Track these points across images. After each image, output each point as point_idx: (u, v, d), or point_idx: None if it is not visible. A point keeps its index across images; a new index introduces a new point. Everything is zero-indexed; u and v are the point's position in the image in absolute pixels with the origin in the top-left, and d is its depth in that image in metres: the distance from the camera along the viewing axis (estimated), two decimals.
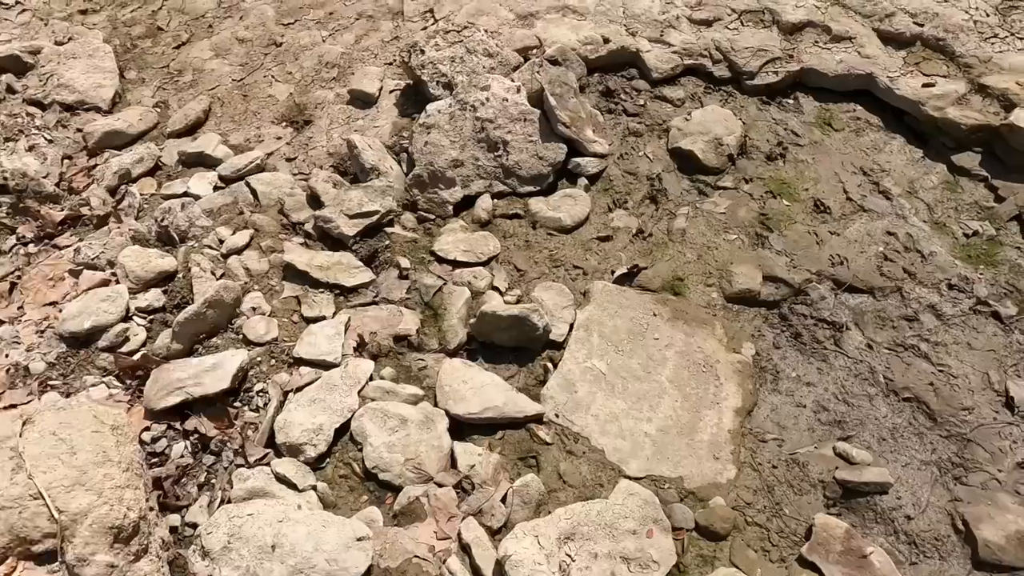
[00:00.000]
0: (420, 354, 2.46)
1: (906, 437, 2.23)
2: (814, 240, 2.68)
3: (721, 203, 2.83)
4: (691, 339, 2.42)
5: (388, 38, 3.74)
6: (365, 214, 2.80)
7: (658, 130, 3.11)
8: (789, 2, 3.31)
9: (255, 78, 3.72)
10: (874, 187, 2.79)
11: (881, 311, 2.49)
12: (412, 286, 2.66)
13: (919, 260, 2.57)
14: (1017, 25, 3.01)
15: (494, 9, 3.64)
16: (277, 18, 4.06)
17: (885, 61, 3.03)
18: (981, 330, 2.39)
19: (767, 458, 2.21)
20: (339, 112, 3.39)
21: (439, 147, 2.95)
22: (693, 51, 3.26)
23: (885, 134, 2.95)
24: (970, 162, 2.75)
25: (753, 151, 2.97)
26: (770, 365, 2.44)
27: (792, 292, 2.57)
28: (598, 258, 2.74)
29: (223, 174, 3.08)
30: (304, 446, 2.11)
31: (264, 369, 2.38)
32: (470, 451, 2.13)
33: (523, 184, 2.95)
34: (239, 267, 2.67)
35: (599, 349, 2.39)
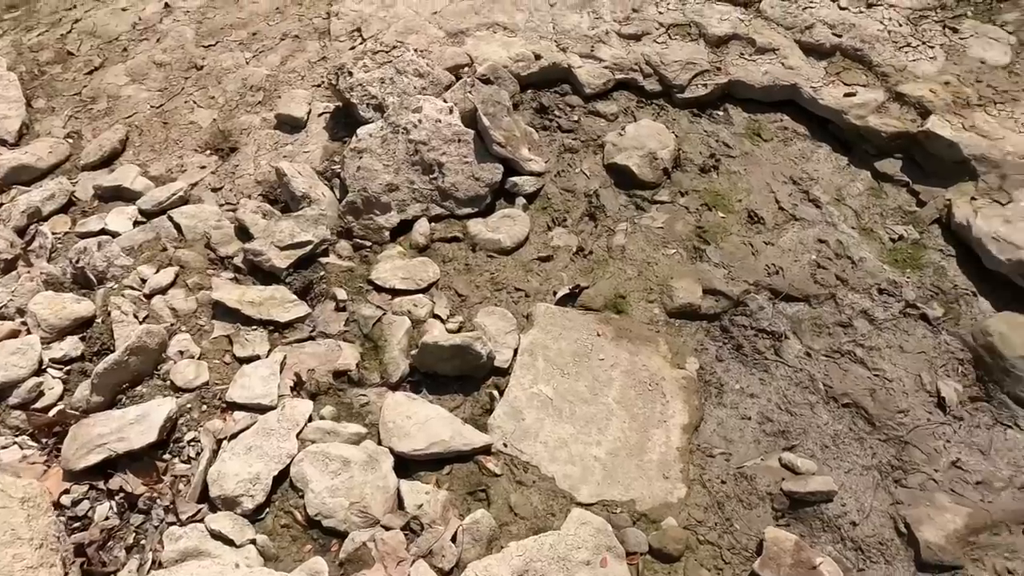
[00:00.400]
0: (361, 389, 2.38)
1: (847, 443, 2.27)
2: (750, 251, 2.71)
3: (658, 217, 2.85)
4: (636, 357, 2.42)
5: (315, 59, 3.64)
6: (297, 245, 2.70)
7: (593, 145, 3.11)
8: (714, 15, 3.37)
9: (175, 104, 3.56)
10: (804, 195, 2.85)
11: (817, 318, 2.54)
12: (350, 318, 2.57)
13: (850, 266, 2.63)
14: (928, 34, 3.14)
15: (423, 27, 3.58)
16: (197, 40, 3.91)
17: (808, 72, 3.11)
18: (911, 333, 2.46)
19: (716, 474, 2.22)
20: (266, 138, 3.27)
21: (372, 172, 2.87)
22: (624, 65, 3.28)
23: (812, 143, 3.02)
24: (892, 168, 2.84)
25: (687, 164, 3.00)
26: (714, 379, 2.45)
27: (731, 304, 2.60)
28: (539, 279, 2.71)
29: (144, 208, 2.93)
30: (240, 498, 2.01)
31: (195, 416, 2.26)
32: (417, 490, 2.06)
33: (460, 206, 2.90)
34: (164, 308, 2.54)
35: (545, 373, 2.36)
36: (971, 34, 3.12)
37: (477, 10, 3.61)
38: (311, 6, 3.96)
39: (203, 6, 4.14)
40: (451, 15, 3.62)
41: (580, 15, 3.52)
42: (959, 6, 3.25)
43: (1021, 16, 3.18)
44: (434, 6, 3.71)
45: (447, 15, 3.63)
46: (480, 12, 3.60)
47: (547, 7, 3.58)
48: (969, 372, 2.35)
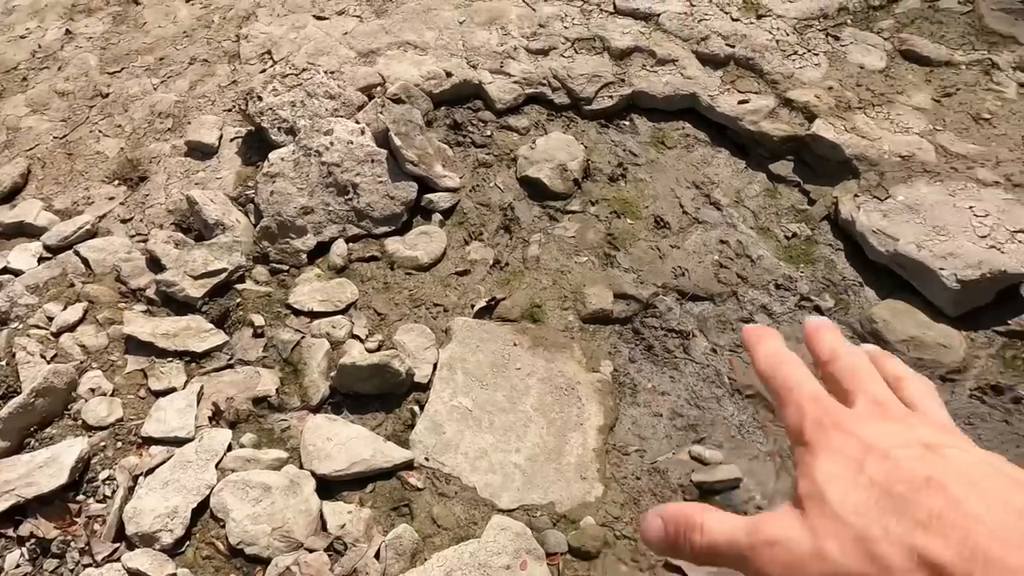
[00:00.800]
0: (282, 414, 2.38)
1: (751, 432, 2.41)
2: (657, 255, 2.84)
3: (571, 227, 2.95)
4: (552, 364, 2.50)
5: (226, 83, 3.61)
6: (212, 273, 2.68)
7: (506, 160, 3.20)
8: (616, 29, 3.51)
9: (80, 134, 3.47)
10: (706, 199, 3.00)
11: (721, 316, 2.68)
12: (269, 343, 2.57)
13: (749, 264, 2.79)
14: (812, 42, 3.35)
15: (334, 48, 3.61)
16: (101, 67, 3.82)
17: (705, 81, 3.28)
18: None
19: (631, 470, 2.32)
20: (177, 165, 3.23)
21: (286, 195, 2.88)
22: (533, 80, 3.38)
23: (712, 148, 3.18)
24: (784, 170, 3.02)
25: (596, 173, 3.12)
26: (628, 379, 2.56)
27: (642, 307, 2.72)
28: (458, 293, 2.77)
29: (48, 244, 2.86)
30: (159, 533, 1.99)
31: (110, 454, 2.22)
32: (339, 510, 2.09)
33: (377, 225, 2.94)
34: (73, 345, 2.48)
35: (464, 386, 2.42)
36: (851, 41, 3.35)
37: (388, 30, 3.66)
38: (220, 29, 3.93)
39: (107, 32, 4.05)
40: (362, 36, 3.66)
41: (489, 32, 3.61)
42: (840, 15, 3.48)
43: (895, 23, 3.43)
44: (345, 27, 3.73)
45: (358, 36, 3.66)
46: (391, 32, 3.65)
47: (456, 25, 3.66)
48: None
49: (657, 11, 3.55)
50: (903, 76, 3.20)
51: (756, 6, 3.53)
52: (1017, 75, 3.12)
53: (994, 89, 3.08)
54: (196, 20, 4.01)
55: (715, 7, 3.55)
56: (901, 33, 3.37)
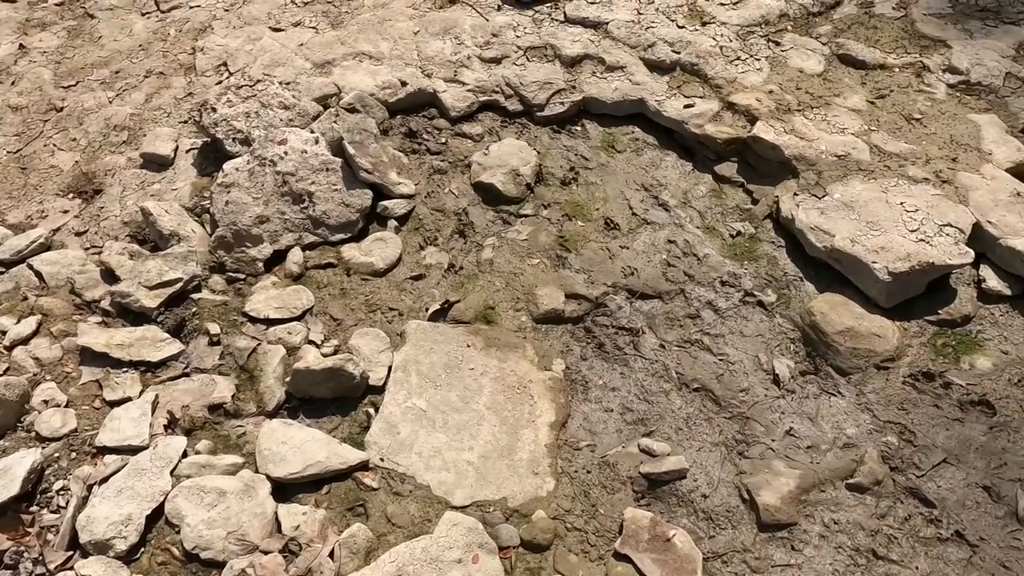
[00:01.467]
0: (238, 420, 2.41)
1: (698, 424, 2.49)
2: (607, 255, 2.92)
3: (523, 230, 3.02)
4: (504, 364, 2.57)
5: (181, 95, 3.63)
6: (166, 283, 2.70)
7: (461, 166, 3.26)
8: (567, 37, 3.60)
9: (34, 148, 3.47)
10: (654, 200, 3.10)
11: (669, 313, 2.77)
12: (225, 351, 2.60)
13: (696, 263, 2.88)
14: (755, 48, 3.47)
15: (290, 59, 3.65)
16: (55, 80, 3.82)
17: (652, 86, 3.38)
18: (750, 319, 2.73)
19: (581, 464, 2.39)
20: (132, 177, 3.25)
21: (241, 205, 2.91)
22: (486, 88, 3.46)
23: (660, 151, 3.28)
24: (729, 171, 3.13)
25: (549, 178, 3.20)
26: (579, 377, 2.64)
27: (593, 306, 2.79)
28: (412, 297, 2.83)
29: (1, 258, 2.85)
30: (112, 540, 2.01)
31: (64, 465, 2.24)
32: (294, 512, 2.13)
33: (333, 232, 2.98)
34: (26, 358, 2.49)
35: (418, 387, 2.47)
36: (791, 46, 3.48)
37: (343, 40, 3.71)
38: (176, 42, 3.95)
39: (61, 46, 4.04)
40: (317, 46, 3.70)
41: (443, 41, 3.68)
42: (780, 22, 3.61)
43: (832, 28, 3.58)
44: (300, 38, 3.78)
45: (313, 46, 3.71)
46: (346, 43, 3.70)
47: (411, 35, 3.72)
48: (800, 349, 2.63)
49: (606, 19, 3.65)
50: (840, 79, 3.33)
51: (701, 14, 3.65)
52: (946, 76, 3.27)
53: (925, 90, 3.23)
54: (152, 33, 4.02)
55: (661, 15, 3.67)
56: (838, 38, 3.51)
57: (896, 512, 2.24)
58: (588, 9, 3.72)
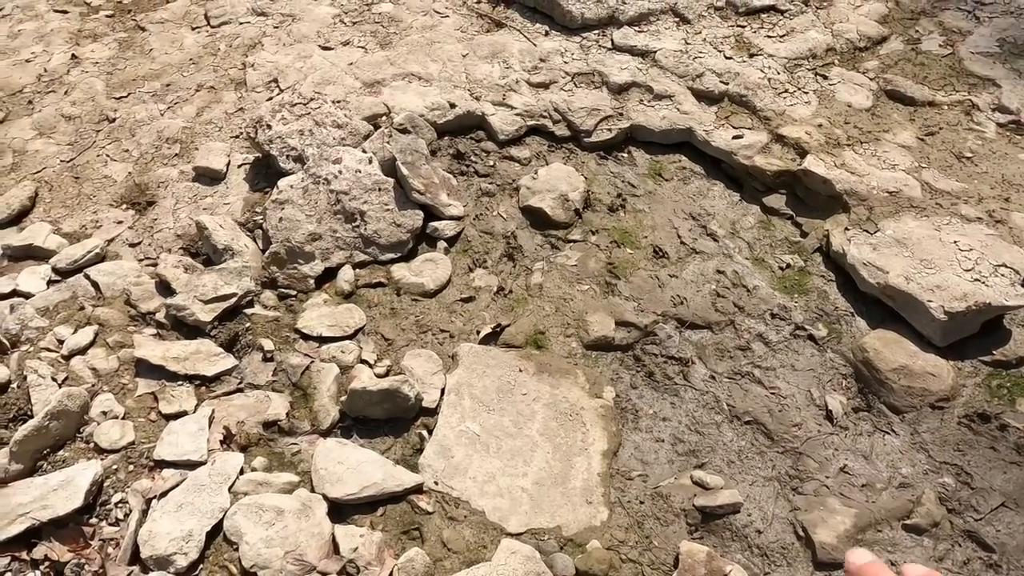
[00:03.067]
0: (292, 438, 2.42)
1: (750, 457, 2.48)
2: (656, 284, 2.93)
3: (572, 256, 3.03)
4: (556, 390, 2.57)
5: (232, 110, 3.68)
6: (221, 297, 2.73)
7: (509, 189, 3.29)
8: (615, 65, 3.64)
9: (87, 158, 3.52)
10: (703, 230, 3.11)
11: (719, 343, 2.77)
12: (278, 368, 2.62)
13: (745, 294, 2.89)
14: (802, 81, 3.50)
15: (340, 78, 3.70)
16: (108, 91, 3.88)
17: (700, 116, 3.40)
18: (801, 352, 2.72)
19: (634, 495, 2.38)
20: (185, 190, 3.29)
21: (295, 222, 2.94)
22: (534, 112, 3.49)
23: (707, 181, 3.30)
24: (778, 203, 3.14)
25: (596, 204, 3.22)
26: (630, 405, 2.63)
27: (642, 334, 2.80)
28: (463, 319, 2.84)
29: (58, 267, 2.88)
30: (173, 556, 2.01)
31: (122, 477, 2.25)
32: (351, 533, 2.13)
33: (384, 252, 3.00)
34: (84, 368, 2.51)
35: (471, 411, 2.48)
36: (839, 80, 3.50)
37: (392, 61, 3.76)
38: (226, 57, 4.01)
39: (113, 57, 4.11)
40: (367, 66, 3.75)
41: (491, 65, 3.72)
42: (827, 55, 3.64)
43: (879, 64, 3.60)
44: (350, 58, 3.83)
45: (363, 66, 3.76)
46: (395, 63, 3.75)
47: (459, 58, 3.77)
48: (851, 385, 2.63)
49: (653, 48, 3.69)
50: (888, 115, 3.35)
51: (748, 46, 3.68)
52: (996, 116, 3.28)
53: (975, 129, 3.23)
54: (202, 48, 4.08)
55: (709, 46, 3.70)
56: (886, 74, 3.53)
57: (954, 555, 2.22)
58: (636, 38, 3.76)
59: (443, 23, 4.01)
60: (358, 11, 4.18)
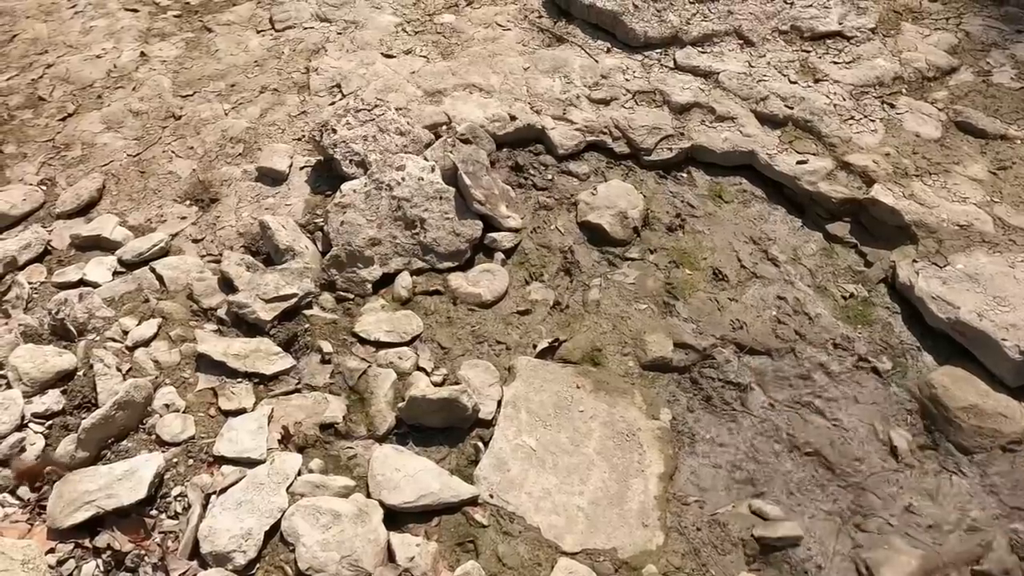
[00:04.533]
0: (348, 442, 2.42)
1: (811, 490, 2.42)
2: (715, 307, 2.89)
3: (630, 274, 3.01)
4: (613, 409, 2.54)
5: (295, 112, 3.73)
6: (283, 297, 2.75)
7: (567, 204, 3.28)
8: (677, 84, 3.62)
9: (153, 153, 3.59)
10: (763, 255, 3.06)
11: (779, 371, 2.72)
12: (335, 370, 2.62)
13: (807, 322, 2.83)
14: (869, 109, 3.44)
15: (402, 86, 3.73)
16: (174, 89, 3.96)
17: (763, 139, 3.37)
18: (864, 385, 2.66)
19: (691, 521, 2.34)
20: (247, 190, 3.33)
21: (356, 226, 2.96)
22: (594, 128, 3.48)
23: (769, 205, 3.25)
24: (842, 231, 3.08)
25: (655, 223, 3.19)
26: (686, 428, 2.59)
27: (700, 357, 2.75)
28: (519, 332, 2.82)
29: (124, 259, 2.94)
30: (232, 553, 2.02)
31: (182, 471, 2.26)
32: (408, 542, 2.11)
33: (441, 260, 3.01)
34: (147, 360, 2.54)
35: (528, 425, 2.46)
36: (906, 110, 3.44)
37: (454, 71, 3.79)
38: (290, 60, 4.07)
39: (180, 56, 4.20)
40: (429, 75, 3.78)
41: (552, 79, 3.73)
42: (895, 84, 3.58)
43: (949, 95, 3.53)
44: (412, 66, 3.87)
45: (425, 75, 3.79)
46: (457, 73, 3.77)
47: (521, 71, 3.78)
48: (917, 422, 2.55)
49: (717, 69, 3.67)
50: (958, 147, 3.28)
51: (814, 71, 3.64)
52: None
53: None
54: (267, 51, 4.16)
55: (773, 69, 3.67)
56: (955, 105, 3.46)
57: None
58: (699, 58, 3.74)
59: (504, 36, 4.04)
60: (420, 21, 4.23)
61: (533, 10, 4.19)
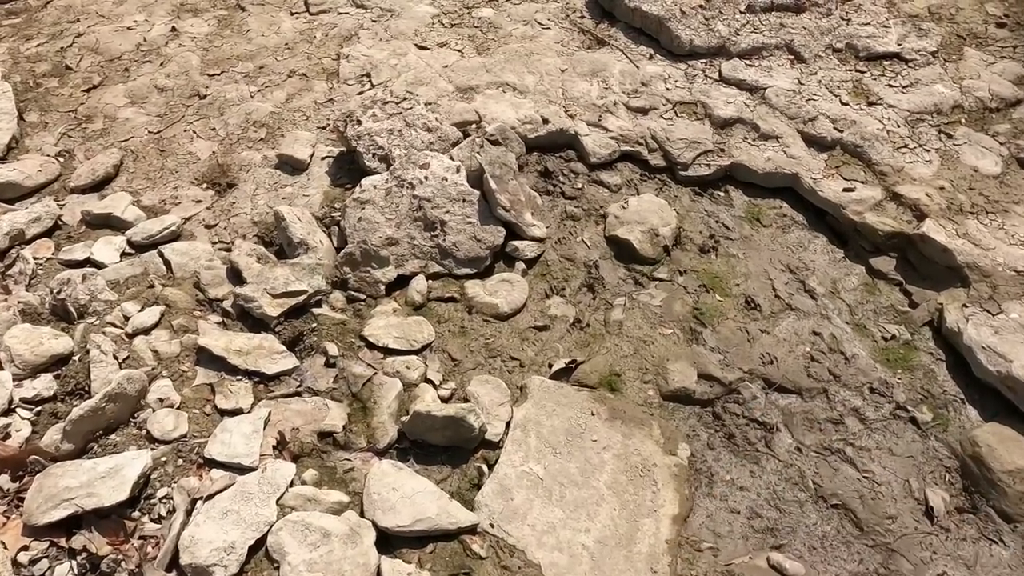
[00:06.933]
0: (347, 453, 2.30)
1: (835, 546, 2.25)
2: (745, 337, 2.72)
3: (657, 295, 2.85)
4: (629, 441, 2.38)
5: (322, 100, 3.61)
6: (291, 293, 2.63)
7: (595, 215, 3.12)
8: (720, 97, 3.44)
9: (174, 132, 3.49)
10: (800, 285, 2.88)
11: (809, 412, 2.54)
12: (339, 375, 2.50)
13: (843, 362, 2.65)
14: (924, 137, 3.24)
15: (433, 80, 3.60)
16: (202, 67, 3.87)
17: (809, 162, 3.18)
18: (901, 435, 2.47)
19: (703, 569, 2.18)
20: (266, 177, 3.22)
21: (373, 224, 2.83)
22: (630, 138, 3.32)
23: (809, 232, 3.07)
24: (886, 266, 2.89)
25: (687, 243, 3.02)
26: (705, 467, 2.43)
27: (725, 391, 2.59)
28: (535, 348, 2.68)
29: (133, 240, 2.84)
30: (213, 567, 1.90)
31: (170, 471, 2.15)
32: (399, 570, 1.98)
33: (459, 266, 2.87)
34: (146, 349, 2.44)
35: (536, 451, 2.31)
36: (964, 141, 3.23)
37: (488, 68, 3.64)
38: (321, 45, 3.96)
39: (211, 34, 4.11)
40: (462, 70, 3.64)
41: (590, 83, 3.57)
42: (954, 113, 3.37)
43: (1012, 128, 3.31)
44: (445, 60, 3.73)
45: (458, 70, 3.65)
46: (491, 70, 3.63)
47: (558, 72, 3.63)
48: (956, 481, 2.37)
49: (764, 84, 3.48)
50: (1020, 185, 3.06)
51: (867, 92, 3.44)
52: None
53: None
54: (299, 34, 4.05)
55: (824, 88, 3.47)
56: (1019, 140, 3.24)
57: None
58: (746, 71, 3.55)
59: (544, 35, 3.88)
60: (457, 13, 4.09)
61: (575, 9, 4.03)
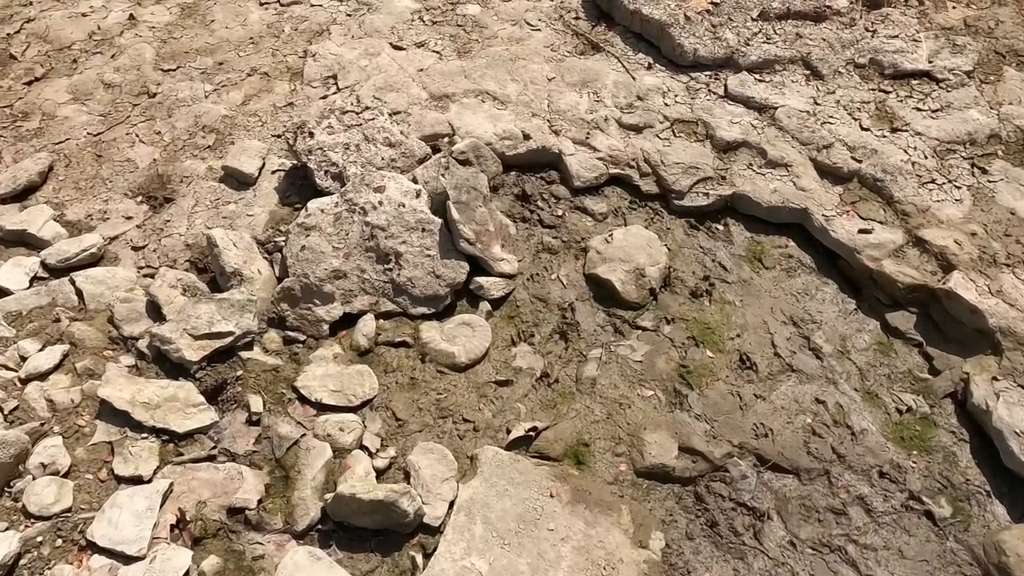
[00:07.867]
0: (259, 535, 1.96)
1: None
2: (737, 403, 2.36)
3: (639, 348, 2.49)
4: (592, 530, 2.03)
5: (282, 103, 3.26)
6: (215, 335, 2.29)
7: (575, 248, 2.76)
8: (725, 116, 3.06)
9: (115, 134, 3.15)
10: (804, 342, 2.52)
11: (807, 498, 2.19)
12: (263, 434, 2.17)
13: (849, 438, 2.29)
14: (955, 171, 2.84)
15: (406, 85, 3.23)
16: (156, 62, 3.52)
17: (821, 196, 2.80)
18: (914, 533, 2.11)
19: None
20: (208, 191, 2.88)
21: (318, 253, 2.49)
22: (620, 159, 2.95)
23: (817, 278, 2.70)
24: (905, 323, 2.52)
25: (677, 284, 2.66)
26: (681, 562, 2.08)
27: (711, 468, 2.24)
28: (493, 408, 2.33)
29: (48, 262, 2.52)
30: None
31: (45, 554, 1.83)
32: None
33: (415, 304, 2.52)
34: (39, 398, 2.11)
35: (481, 541, 1.97)
36: (1001, 177, 2.83)
37: (467, 74, 3.27)
38: (289, 40, 3.60)
39: (171, 23, 3.75)
40: (438, 75, 3.27)
41: (579, 95, 3.19)
42: (990, 143, 2.97)
43: None
44: (421, 62, 3.36)
45: (434, 75, 3.28)
46: (470, 76, 3.26)
47: (544, 81, 3.25)
48: None
49: (774, 103, 3.09)
50: None
51: (891, 117, 3.04)
52: None
53: None
54: (266, 27, 3.69)
55: (843, 110, 3.07)
56: None
57: None
58: (755, 87, 3.16)
59: (532, 37, 3.50)
60: (441, 9, 3.71)
61: (570, 9, 3.64)
